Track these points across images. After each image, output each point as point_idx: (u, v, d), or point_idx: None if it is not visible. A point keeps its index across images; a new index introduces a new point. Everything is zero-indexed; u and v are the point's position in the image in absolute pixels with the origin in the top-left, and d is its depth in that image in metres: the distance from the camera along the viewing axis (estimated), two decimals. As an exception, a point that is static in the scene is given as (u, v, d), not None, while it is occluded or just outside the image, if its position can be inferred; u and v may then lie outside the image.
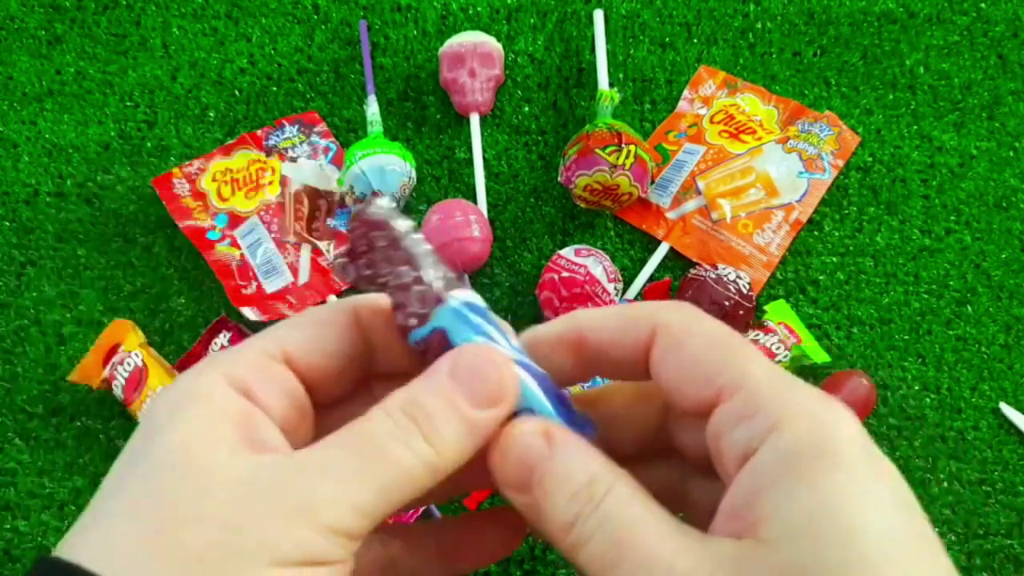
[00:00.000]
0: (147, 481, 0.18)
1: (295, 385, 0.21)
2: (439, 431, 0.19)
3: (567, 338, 0.22)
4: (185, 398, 0.19)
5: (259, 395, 0.20)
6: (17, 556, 0.51)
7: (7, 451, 0.54)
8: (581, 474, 0.19)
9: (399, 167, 0.57)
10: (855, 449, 0.18)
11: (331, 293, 0.58)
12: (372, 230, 0.21)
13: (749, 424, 0.18)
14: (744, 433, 0.19)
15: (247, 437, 0.19)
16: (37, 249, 0.60)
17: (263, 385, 0.20)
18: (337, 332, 0.22)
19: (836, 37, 0.67)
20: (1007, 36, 0.66)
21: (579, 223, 0.61)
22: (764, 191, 0.59)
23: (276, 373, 0.21)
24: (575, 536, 0.19)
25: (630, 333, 0.21)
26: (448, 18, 0.68)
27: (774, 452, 0.18)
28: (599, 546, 0.19)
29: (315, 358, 0.22)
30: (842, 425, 0.18)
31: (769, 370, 0.19)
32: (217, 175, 0.62)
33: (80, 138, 0.64)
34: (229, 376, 0.20)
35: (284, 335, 0.22)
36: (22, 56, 0.67)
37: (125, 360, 0.52)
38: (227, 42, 0.68)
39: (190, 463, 0.18)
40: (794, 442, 0.18)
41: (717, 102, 0.65)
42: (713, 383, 0.19)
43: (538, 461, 0.20)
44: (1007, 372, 0.56)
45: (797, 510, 0.17)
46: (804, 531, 0.17)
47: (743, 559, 0.17)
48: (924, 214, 0.60)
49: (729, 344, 0.20)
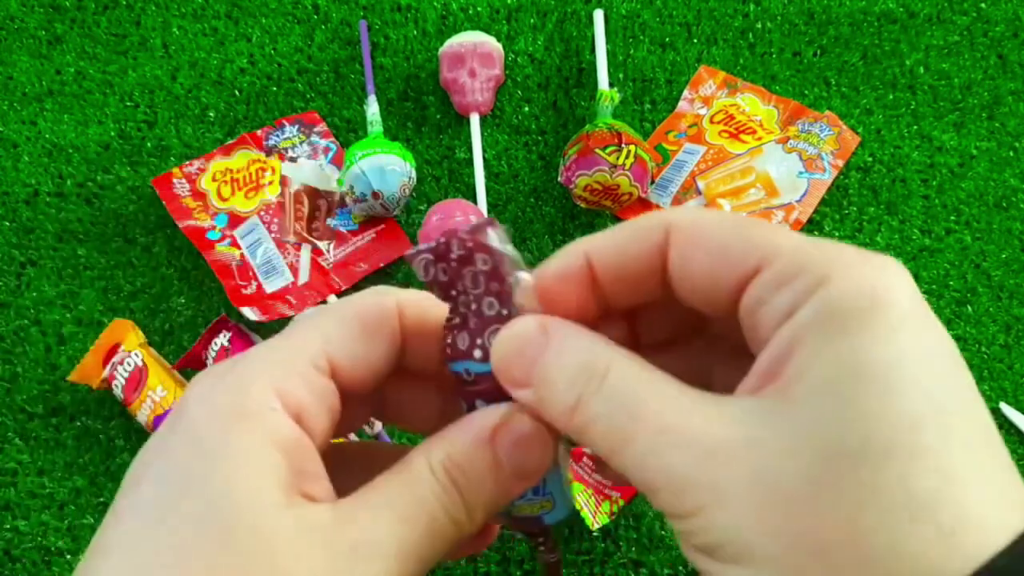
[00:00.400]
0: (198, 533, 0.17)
1: (335, 401, 0.21)
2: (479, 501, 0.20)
3: (574, 271, 0.20)
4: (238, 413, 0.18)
5: (309, 420, 0.19)
6: (17, 556, 0.51)
7: (7, 451, 0.54)
8: (578, 356, 0.19)
9: (399, 167, 0.57)
10: (904, 304, 0.16)
11: (331, 293, 0.58)
12: (479, 250, 0.20)
13: (792, 286, 0.17)
14: (787, 296, 0.17)
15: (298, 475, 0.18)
16: (37, 249, 0.60)
17: (313, 407, 0.20)
18: (385, 341, 0.21)
19: (836, 37, 0.67)
20: (1007, 36, 0.66)
21: (579, 223, 0.61)
22: (764, 191, 0.59)
23: (324, 390, 0.20)
24: (580, 419, 0.18)
25: (642, 242, 0.19)
26: (448, 18, 0.68)
27: (817, 306, 0.16)
28: (606, 424, 0.18)
29: (360, 371, 0.21)
30: (892, 279, 0.17)
31: (803, 237, 0.18)
32: (217, 175, 0.62)
33: (80, 138, 0.64)
34: (281, 393, 0.19)
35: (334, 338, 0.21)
36: (22, 56, 0.67)
37: (125, 360, 0.52)
38: (227, 42, 0.68)
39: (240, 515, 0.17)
40: (839, 296, 0.16)
41: (717, 102, 0.65)
42: (747, 261, 0.18)
43: (536, 352, 0.19)
44: (1007, 372, 0.55)
45: (831, 364, 0.16)
46: (835, 386, 0.15)
47: (766, 414, 0.16)
48: (924, 214, 0.60)
49: (751, 223, 0.18)
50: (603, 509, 0.48)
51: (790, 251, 0.17)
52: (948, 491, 0.15)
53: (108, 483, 0.53)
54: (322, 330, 0.21)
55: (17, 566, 0.51)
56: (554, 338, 0.19)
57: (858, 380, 0.15)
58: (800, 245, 0.17)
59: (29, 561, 0.51)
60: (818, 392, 0.16)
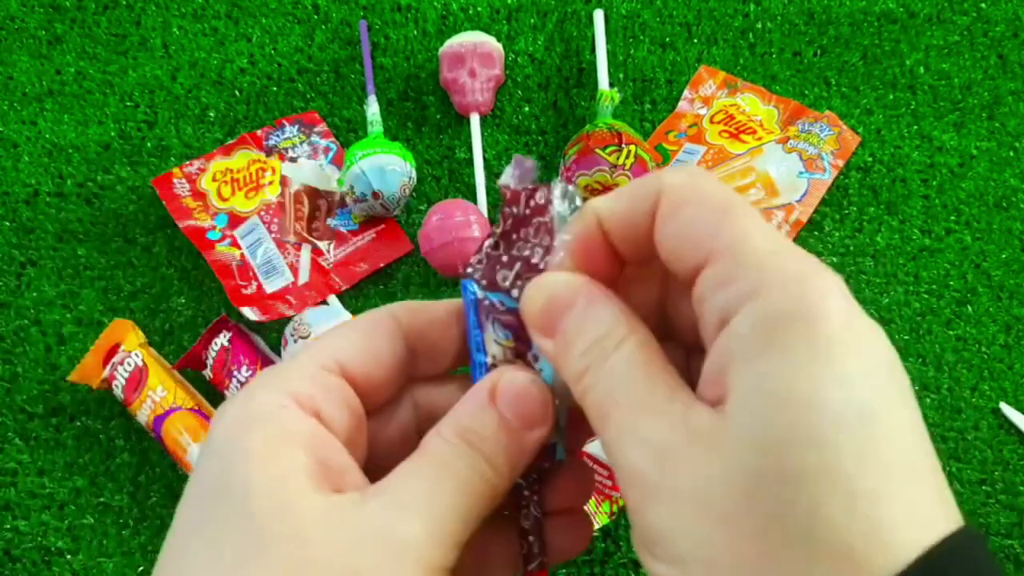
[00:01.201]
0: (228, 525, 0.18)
1: (352, 396, 0.21)
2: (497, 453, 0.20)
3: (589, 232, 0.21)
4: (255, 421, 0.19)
5: (326, 413, 0.20)
6: (17, 556, 0.51)
7: (7, 451, 0.54)
8: (598, 327, 0.19)
9: (399, 167, 0.57)
10: (834, 321, 0.16)
11: (331, 293, 0.58)
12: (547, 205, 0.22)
13: (728, 289, 0.17)
14: (723, 298, 0.17)
15: (322, 466, 0.19)
16: (37, 249, 0.60)
17: (328, 401, 0.20)
18: (384, 338, 0.23)
19: (836, 37, 0.67)
20: (1007, 36, 0.66)
21: (579, 223, 0.61)
22: (764, 191, 0.59)
23: (336, 386, 0.21)
24: (583, 385, 0.19)
25: (639, 202, 0.20)
26: (448, 18, 0.68)
27: (747, 319, 0.17)
28: (596, 398, 0.19)
29: (369, 368, 0.22)
30: (822, 292, 0.17)
31: (763, 235, 0.18)
32: (217, 175, 0.62)
33: (80, 138, 0.64)
34: (294, 394, 0.20)
35: (334, 345, 0.22)
36: (22, 56, 0.67)
37: (125, 360, 0.52)
38: (227, 42, 0.68)
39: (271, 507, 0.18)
40: (768, 309, 0.16)
41: (717, 102, 0.65)
42: (703, 247, 0.18)
43: (560, 310, 0.20)
44: (1007, 372, 0.55)
45: (757, 386, 0.16)
46: (760, 410, 0.16)
47: (713, 432, 0.17)
48: (924, 214, 0.60)
49: (727, 208, 0.18)
50: (603, 509, 0.48)
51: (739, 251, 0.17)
52: (859, 513, 0.15)
53: (108, 483, 0.53)
54: (324, 341, 0.22)
55: (17, 566, 0.51)
56: (580, 301, 0.20)
57: (781, 404, 0.16)
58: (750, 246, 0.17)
59: (29, 561, 0.51)
60: (746, 415, 0.16)
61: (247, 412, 0.19)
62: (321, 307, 0.55)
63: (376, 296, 0.59)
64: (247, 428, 0.19)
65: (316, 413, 0.20)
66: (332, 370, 0.21)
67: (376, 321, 0.23)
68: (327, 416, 0.20)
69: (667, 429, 0.17)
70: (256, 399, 0.20)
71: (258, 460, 0.18)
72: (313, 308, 0.54)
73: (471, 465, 0.20)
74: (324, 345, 0.22)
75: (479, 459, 0.20)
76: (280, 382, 0.20)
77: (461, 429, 0.20)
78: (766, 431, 0.16)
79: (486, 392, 0.21)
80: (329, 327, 0.52)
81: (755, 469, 0.16)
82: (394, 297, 0.59)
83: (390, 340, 0.23)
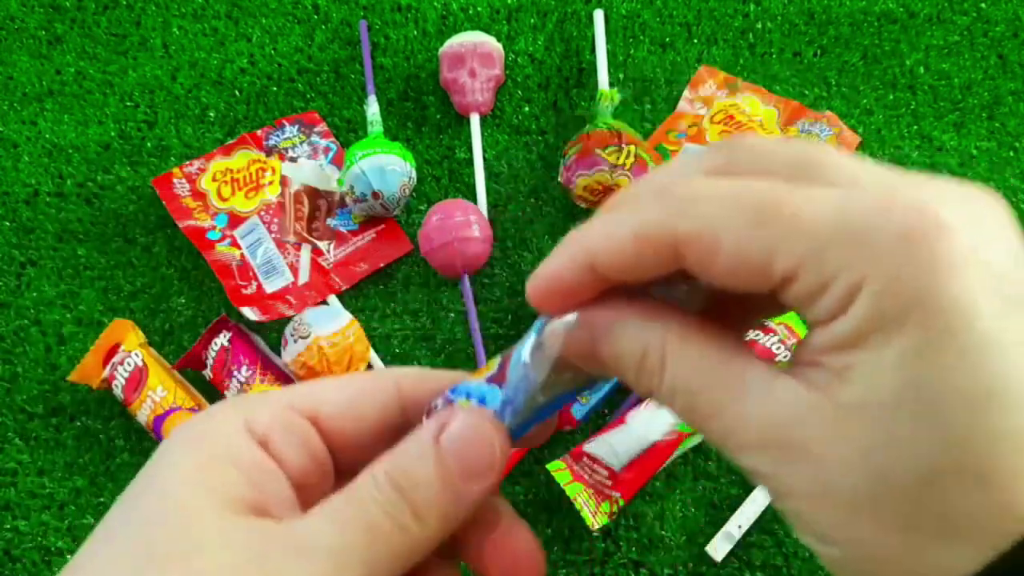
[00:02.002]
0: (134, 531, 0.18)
1: (316, 442, 0.21)
2: (428, 504, 0.19)
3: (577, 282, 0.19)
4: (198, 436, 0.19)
5: (276, 446, 0.20)
6: (17, 556, 0.51)
7: (7, 451, 0.54)
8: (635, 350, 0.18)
9: (399, 167, 0.57)
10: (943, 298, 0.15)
11: (331, 293, 0.58)
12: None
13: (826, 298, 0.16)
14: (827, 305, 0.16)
15: (253, 492, 0.18)
16: (37, 249, 0.60)
17: (283, 436, 0.20)
18: (375, 400, 0.21)
19: (836, 37, 0.67)
20: (1007, 36, 0.66)
21: (579, 223, 0.61)
22: (764, 191, 0.59)
23: (300, 427, 0.20)
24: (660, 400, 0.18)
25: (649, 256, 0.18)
26: (448, 18, 0.68)
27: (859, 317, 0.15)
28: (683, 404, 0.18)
29: (345, 423, 0.21)
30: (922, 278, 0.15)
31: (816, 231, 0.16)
32: (217, 175, 0.62)
33: (80, 138, 0.64)
34: (248, 421, 0.19)
35: (316, 391, 0.21)
36: (22, 56, 0.67)
37: (125, 360, 0.52)
38: (227, 42, 0.68)
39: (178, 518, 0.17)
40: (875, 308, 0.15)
41: (717, 102, 0.65)
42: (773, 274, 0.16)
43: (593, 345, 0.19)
44: (1007, 372, 0.55)
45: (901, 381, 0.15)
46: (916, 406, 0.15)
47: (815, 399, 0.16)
48: (924, 214, 0.60)
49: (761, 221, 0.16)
50: (603, 509, 0.48)
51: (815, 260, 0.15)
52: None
53: (108, 483, 0.53)
54: (309, 385, 0.22)
55: (17, 566, 0.51)
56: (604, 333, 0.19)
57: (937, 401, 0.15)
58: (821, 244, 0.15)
59: (29, 561, 0.51)
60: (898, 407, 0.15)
61: (196, 429, 0.19)
62: (321, 307, 0.55)
63: (376, 296, 0.59)
64: (187, 442, 0.19)
65: (266, 444, 0.19)
66: (303, 413, 0.20)
67: (373, 380, 0.22)
68: (277, 450, 0.19)
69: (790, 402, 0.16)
70: (211, 419, 0.19)
71: (183, 473, 0.18)
72: (313, 308, 0.54)
73: (392, 514, 0.18)
74: (305, 388, 0.21)
75: (403, 508, 0.19)
76: (241, 409, 0.20)
77: (394, 469, 0.19)
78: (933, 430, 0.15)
79: (432, 430, 0.19)
80: (329, 327, 0.52)
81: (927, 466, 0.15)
82: (394, 297, 0.59)
83: (380, 403, 0.22)
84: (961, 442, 0.14)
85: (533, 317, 0.21)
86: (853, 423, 0.15)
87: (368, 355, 0.54)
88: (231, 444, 0.19)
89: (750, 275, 0.16)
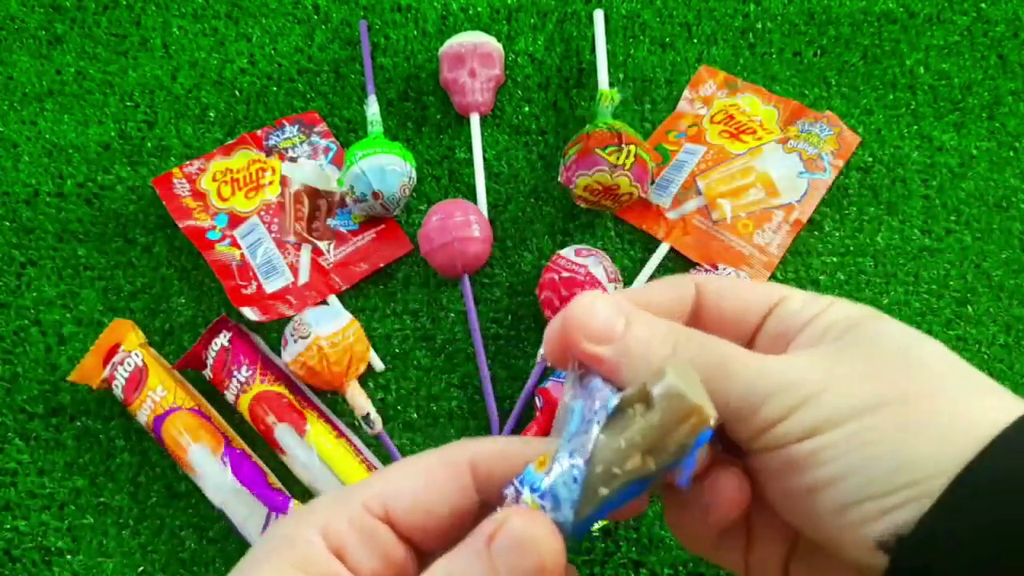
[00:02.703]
0: None
1: (392, 543, 0.21)
2: None
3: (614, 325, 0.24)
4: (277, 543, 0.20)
5: (351, 556, 0.20)
6: (17, 556, 0.51)
7: (7, 451, 0.54)
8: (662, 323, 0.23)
9: (399, 167, 0.57)
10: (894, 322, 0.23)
11: (331, 293, 0.58)
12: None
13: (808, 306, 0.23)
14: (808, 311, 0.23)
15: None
16: (37, 249, 0.60)
17: (358, 545, 0.20)
18: (445, 489, 0.21)
19: (836, 37, 0.67)
20: (1007, 36, 0.66)
21: (579, 223, 0.61)
22: (764, 191, 0.59)
23: (373, 531, 0.20)
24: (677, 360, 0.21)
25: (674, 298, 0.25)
26: (448, 18, 0.68)
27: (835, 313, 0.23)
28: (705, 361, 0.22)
29: (418, 516, 0.21)
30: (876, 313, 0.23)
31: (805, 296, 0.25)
32: (217, 175, 0.62)
33: (80, 138, 0.64)
34: (325, 530, 0.20)
35: (388, 484, 0.21)
36: (22, 56, 0.67)
37: (125, 360, 0.52)
38: (227, 42, 0.68)
39: None
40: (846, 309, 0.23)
41: (717, 102, 0.65)
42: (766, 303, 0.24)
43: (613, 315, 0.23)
44: (1007, 372, 0.55)
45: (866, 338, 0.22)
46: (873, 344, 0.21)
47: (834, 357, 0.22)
48: (924, 214, 0.60)
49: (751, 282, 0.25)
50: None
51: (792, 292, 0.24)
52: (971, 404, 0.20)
53: (108, 483, 0.53)
54: (380, 476, 0.22)
55: (17, 566, 0.51)
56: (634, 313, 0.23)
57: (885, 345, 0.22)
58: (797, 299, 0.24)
59: (29, 561, 0.51)
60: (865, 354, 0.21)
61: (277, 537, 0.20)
62: (321, 307, 0.55)
63: (376, 296, 0.59)
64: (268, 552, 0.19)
65: (341, 553, 0.20)
66: (375, 512, 0.20)
67: (446, 466, 0.22)
68: (353, 560, 0.20)
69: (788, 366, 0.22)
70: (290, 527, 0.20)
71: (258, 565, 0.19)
72: (313, 308, 0.54)
73: None
74: (379, 484, 0.21)
75: None
76: (320, 516, 0.20)
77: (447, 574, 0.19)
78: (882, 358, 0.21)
79: (485, 536, 0.19)
80: (329, 327, 0.52)
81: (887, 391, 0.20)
82: (394, 297, 0.59)
83: (453, 492, 0.21)
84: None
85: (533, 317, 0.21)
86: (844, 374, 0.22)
87: (368, 355, 0.54)
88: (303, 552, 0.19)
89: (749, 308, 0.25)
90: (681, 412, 0.19)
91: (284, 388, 0.52)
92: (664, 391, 0.19)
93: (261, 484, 0.50)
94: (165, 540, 0.52)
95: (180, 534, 0.52)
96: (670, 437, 0.19)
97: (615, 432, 0.20)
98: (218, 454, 0.50)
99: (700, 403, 0.19)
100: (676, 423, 0.19)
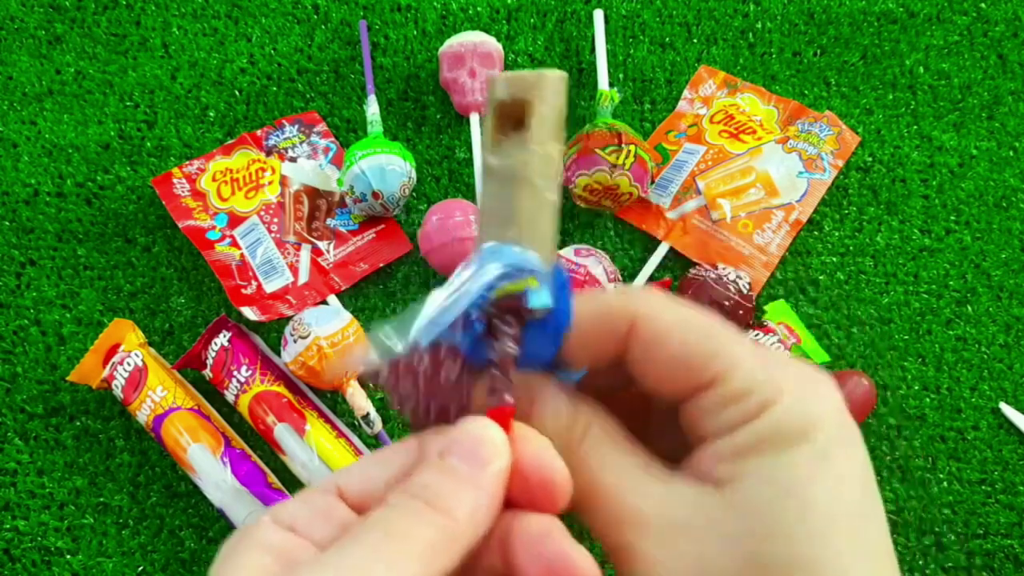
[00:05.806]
0: None
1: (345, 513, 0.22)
2: (448, 498, 0.19)
3: None
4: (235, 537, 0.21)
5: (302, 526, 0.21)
6: (17, 556, 0.51)
7: (7, 451, 0.54)
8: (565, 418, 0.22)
9: (399, 167, 0.57)
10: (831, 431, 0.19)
11: (331, 292, 0.58)
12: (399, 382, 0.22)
13: (740, 406, 0.20)
14: (734, 414, 0.20)
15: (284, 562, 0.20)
16: (37, 249, 0.60)
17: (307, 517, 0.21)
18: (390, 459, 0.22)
19: (836, 37, 0.67)
20: (1007, 36, 0.66)
21: (579, 223, 0.61)
22: (764, 191, 0.59)
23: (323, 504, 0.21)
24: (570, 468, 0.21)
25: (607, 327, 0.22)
26: (448, 18, 0.68)
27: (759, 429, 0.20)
28: (578, 486, 0.21)
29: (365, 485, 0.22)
30: (824, 406, 0.20)
31: (754, 352, 0.20)
32: (217, 175, 0.62)
33: (80, 138, 0.64)
34: (274, 515, 0.21)
35: (342, 472, 0.23)
36: (22, 56, 0.67)
37: (125, 360, 0.52)
38: (227, 42, 0.68)
39: None
40: (778, 422, 0.19)
41: (717, 102, 0.65)
42: (704, 374, 0.20)
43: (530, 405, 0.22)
44: (1007, 372, 0.55)
45: (765, 482, 0.19)
46: (766, 502, 0.19)
47: (710, 507, 0.19)
48: (924, 214, 0.60)
49: (712, 332, 0.21)
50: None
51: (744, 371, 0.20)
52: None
53: (108, 483, 0.53)
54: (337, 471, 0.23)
55: (17, 566, 0.51)
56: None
57: (783, 499, 0.19)
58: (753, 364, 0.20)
59: (29, 561, 0.51)
60: (752, 504, 0.19)
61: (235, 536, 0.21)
62: (321, 307, 0.55)
63: (376, 296, 0.59)
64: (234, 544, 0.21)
65: (292, 527, 0.21)
66: (328, 492, 0.22)
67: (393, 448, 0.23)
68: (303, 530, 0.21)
69: (659, 509, 0.20)
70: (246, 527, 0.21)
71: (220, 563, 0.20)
72: (313, 308, 0.54)
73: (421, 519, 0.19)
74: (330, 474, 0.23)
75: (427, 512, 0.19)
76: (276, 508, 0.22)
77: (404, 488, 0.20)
78: (771, 523, 0.18)
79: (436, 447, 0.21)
80: (329, 327, 0.52)
81: (758, 555, 0.18)
82: (393, 297, 0.59)
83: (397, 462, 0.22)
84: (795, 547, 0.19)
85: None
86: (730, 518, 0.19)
87: (368, 355, 0.54)
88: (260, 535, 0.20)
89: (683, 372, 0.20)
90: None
91: (284, 388, 0.52)
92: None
93: (261, 484, 0.50)
94: (165, 540, 0.52)
95: (180, 534, 0.52)
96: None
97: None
98: (218, 454, 0.50)
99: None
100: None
